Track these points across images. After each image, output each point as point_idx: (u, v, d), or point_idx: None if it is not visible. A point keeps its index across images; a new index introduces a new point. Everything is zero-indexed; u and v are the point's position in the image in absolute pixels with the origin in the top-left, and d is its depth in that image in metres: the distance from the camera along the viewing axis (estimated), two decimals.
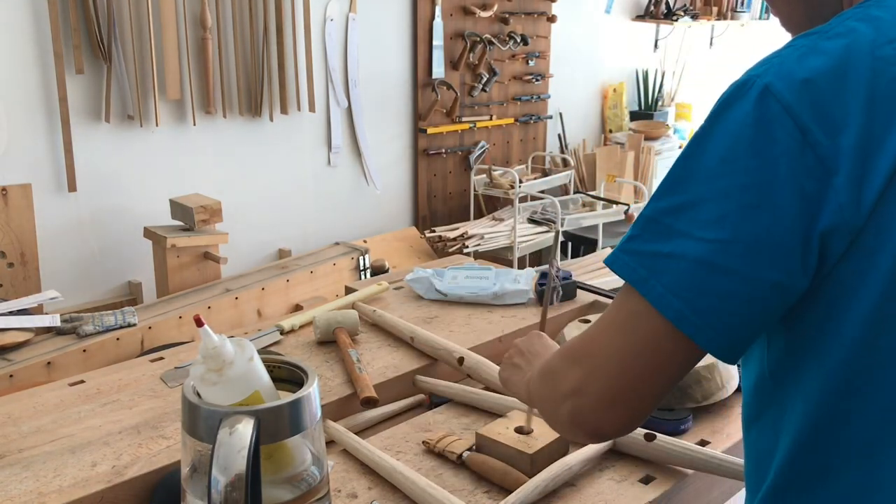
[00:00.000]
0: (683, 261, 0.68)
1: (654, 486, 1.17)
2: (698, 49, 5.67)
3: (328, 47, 3.56)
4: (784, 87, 0.67)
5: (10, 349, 2.32)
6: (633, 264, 0.71)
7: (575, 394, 0.75)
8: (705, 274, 0.67)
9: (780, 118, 0.67)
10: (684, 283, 0.68)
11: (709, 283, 0.67)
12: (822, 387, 0.71)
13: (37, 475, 1.15)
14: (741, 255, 0.67)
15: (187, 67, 3.12)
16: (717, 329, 0.68)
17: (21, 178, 2.81)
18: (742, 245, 0.67)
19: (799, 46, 0.70)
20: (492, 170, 4.09)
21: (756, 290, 0.67)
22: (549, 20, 4.44)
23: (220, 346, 0.90)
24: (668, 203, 0.70)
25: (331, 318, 1.62)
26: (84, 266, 3.04)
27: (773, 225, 0.66)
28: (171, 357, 1.59)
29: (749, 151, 0.67)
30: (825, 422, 0.72)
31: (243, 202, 3.40)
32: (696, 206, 0.68)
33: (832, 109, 0.66)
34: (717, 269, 0.67)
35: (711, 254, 0.67)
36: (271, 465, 0.93)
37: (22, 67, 2.78)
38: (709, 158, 0.69)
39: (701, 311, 0.68)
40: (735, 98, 0.70)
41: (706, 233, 0.67)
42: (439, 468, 1.22)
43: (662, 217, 0.70)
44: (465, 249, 3.68)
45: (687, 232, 0.68)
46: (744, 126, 0.68)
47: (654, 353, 0.71)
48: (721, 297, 0.67)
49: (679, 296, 0.68)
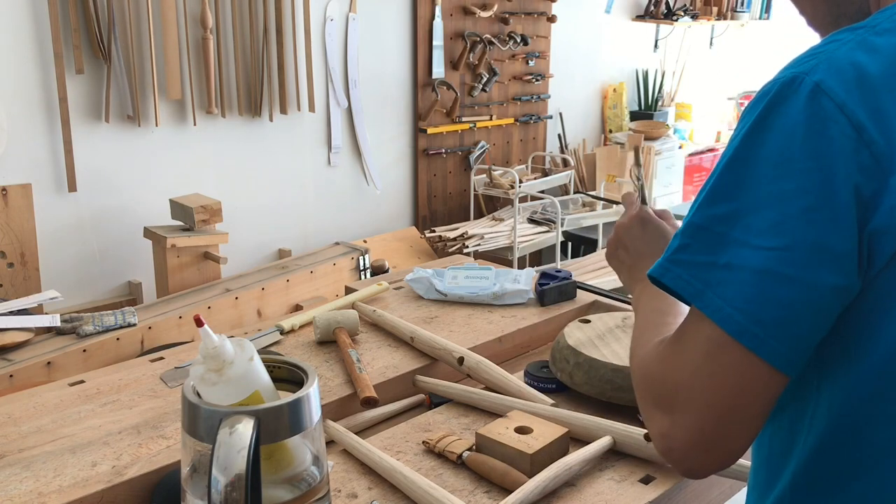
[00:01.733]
0: (743, 271, 0.65)
1: (654, 486, 1.17)
2: (698, 49, 5.67)
3: (328, 47, 3.56)
4: (836, 84, 0.65)
5: (10, 349, 2.32)
6: (686, 277, 0.68)
7: (663, 441, 0.71)
8: (767, 284, 0.64)
9: (834, 116, 0.64)
10: (746, 294, 0.65)
11: (771, 293, 0.64)
12: (852, 390, 0.69)
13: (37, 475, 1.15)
14: (803, 261, 0.64)
15: (187, 67, 3.12)
16: (782, 341, 0.65)
17: (21, 178, 2.81)
18: (803, 251, 0.64)
19: (847, 41, 0.68)
20: (492, 170, 4.09)
21: (819, 297, 0.65)
22: (549, 20, 4.44)
23: (220, 346, 0.90)
24: (720, 210, 0.67)
25: (331, 318, 1.62)
26: (84, 266, 3.04)
27: (833, 228, 0.64)
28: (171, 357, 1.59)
29: (804, 153, 0.64)
30: (851, 425, 0.70)
31: (243, 202, 3.41)
32: (752, 213, 0.65)
33: (886, 107, 0.64)
34: (780, 278, 0.64)
35: (772, 262, 0.64)
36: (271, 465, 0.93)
37: (22, 67, 2.78)
38: (761, 162, 0.66)
39: (764, 324, 0.65)
40: (783, 96, 0.66)
41: (765, 240, 0.65)
42: (439, 468, 1.22)
43: (714, 225, 0.67)
44: (465, 249, 3.68)
45: (743, 240, 0.65)
46: (796, 126, 0.65)
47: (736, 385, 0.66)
48: (785, 307, 0.64)
49: (740, 309, 0.65)
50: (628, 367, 1.32)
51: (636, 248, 1.03)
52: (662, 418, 0.71)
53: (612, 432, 1.24)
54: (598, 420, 1.27)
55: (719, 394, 0.67)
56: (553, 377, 1.44)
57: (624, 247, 1.04)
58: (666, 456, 0.71)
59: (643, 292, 0.94)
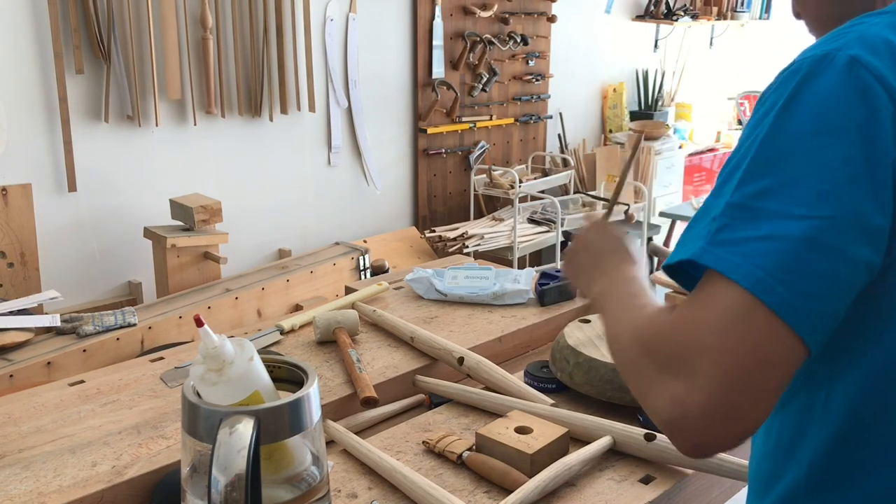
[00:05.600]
0: (783, 241, 0.62)
1: (654, 486, 1.17)
2: (698, 49, 5.67)
3: (328, 47, 3.56)
4: (873, 58, 0.64)
5: (10, 349, 2.32)
6: (725, 255, 0.64)
7: (675, 406, 0.64)
8: (809, 253, 0.61)
9: (874, 87, 0.64)
10: (784, 263, 0.62)
11: (812, 263, 0.61)
12: (869, 381, 0.69)
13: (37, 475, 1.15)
14: (847, 230, 0.62)
15: (187, 67, 3.12)
16: (813, 312, 0.62)
17: (21, 178, 2.81)
18: (847, 221, 0.62)
19: (874, 24, 0.68)
20: (492, 170, 4.09)
21: (854, 271, 0.63)
22: (549, 20, 4.44)
23: (220, 346, 0.90)
24: (758, 186, 0.64)
25: (331, 318, 1.62)
26: (84, 266, 3.04)
27: (873, 200, 0.62)
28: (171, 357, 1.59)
29: (848, 121, 0.63)
30: (869, 416, 0.69)
31: (243, 202, 3.41)
32: (793, 184, 0.63)
33: None
34: (823, 248, 0.61)
35: (816, 231, 0.61)
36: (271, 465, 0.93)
37: (22, 67, 2.78)
38: (799, 133, 0.64)
39: (800, 293, 0.61)
40: (816, 72, 0.65)
41: (808, 210, 0.62)
42: (439, 468, 1.22)
43: (752, 202, 0.64)
44: (465, 249, 3.68)
45: (784, 212, 0.62)
46: (836, 96, 0.64)
47: (762, 351, 0.62)
48: (822, 279, 0.62)
49: (776, 277, 0.61)
50: None
51: (598, 247, 1.00)
52: (675, 383, 0.65)
53: (612, 432, 1.24)
54: (598, 420, 1.27)
55: (743, 359, 0.62)
56: (553, 377, 1.44)
57: (585, 249, 1.02)
58: (677, 425, 0.65)
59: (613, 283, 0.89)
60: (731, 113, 5.92)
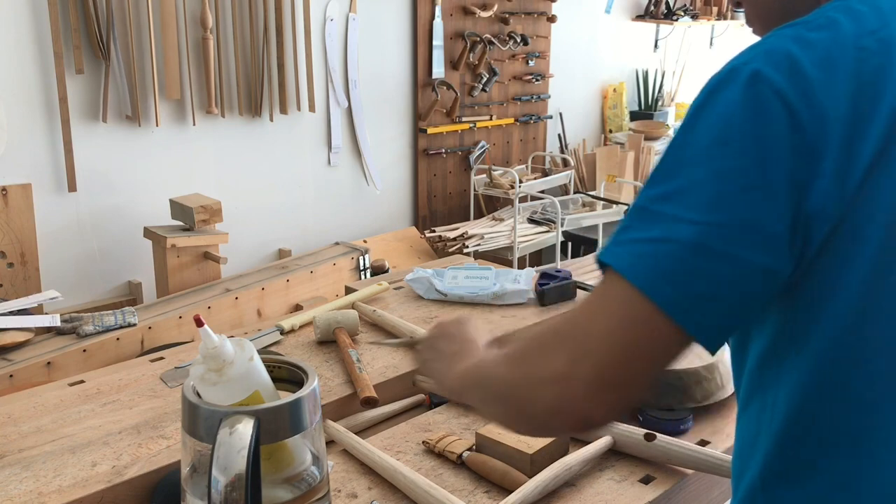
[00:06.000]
0: (674, 244, 0.67)
1: (654, 486, 1.17)
2: (698, 49, 5.67)
3: (328, 47, 3.56)
4: (774, 72, 0.68)
5: (10, 349, 2.32)
6: (621, 253, 0.69)
7: (561, 379, 0.70)
8: (698, 257, 0.66)
9: (772, 101, 0.67)
10: (675, 266, 0.66)
11: (701, 266, 0.66)
12: (807, 377, 0.72)
13: (37, 475, 1.15)
14: (736, 237, 0.66)
15: (187, 67, 3.12)
16: (707, 315, 0.67)
17: (21, 178, 2.81)
18: (737, 227, 0.66)
19: (784, 36, 0.71)
20: (492, 170, 4.09)
21: (747, 275, 0.67)
22: (549, 20, 4.44)
23: (220, 346, 0.90)
24: (659, 191, 0.69)
25: (331, 318, 1.62)
26: (84, 266, 3.04)
27: (767, 207, 0.66)
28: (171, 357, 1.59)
29: (743, 133, 0.67)
30: (809, 413, 0.72)
31: (243, 202, 3.40)
32: (689, 190, 0.68)
33: (820, 96, 0.67)
34: (711, 253, 0.66)
35: (705, 236, 0.66)
36: (271, 465, 0.93)
37: (22, 67, 2.78)
38: (700, 142, 0.69)
39: (692, 296, 0.66)
40: (724, 84, 0.69)
41: (699, 215, 0.66)
42: (439, 468, 1.22)
43: (652, 205, 0.69)
44: (465, 249, 3.68)
45: (678, 216, 0.67)
46: (736, 109, 0.68)
47: (645, 337, 0.68)
48: (712, 282, 0.66)
49: (669, 280, 0.66)
50: None
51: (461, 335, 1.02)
52: (558, 361, 0.70)
53: (612, 432, 1.24)
54: None
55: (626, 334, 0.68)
56: None
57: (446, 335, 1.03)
58: (562, 402, 0.70)
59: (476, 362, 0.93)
60: None
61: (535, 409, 0.73)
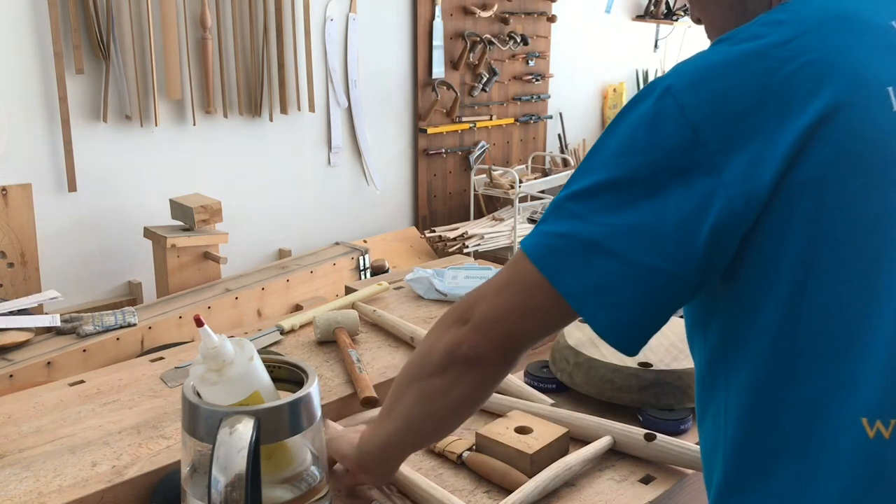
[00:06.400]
0: (576, 240, 0.74)
1: (654, 486, 1.17)
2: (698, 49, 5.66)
3: (328, 47, 3.56)
4: (682, 87, 0.72)
5: (10, 349, 2.32)
6: (534, 243, 0.77)
7: (459, 320, 0.83)
8: (591, 253, 0.73)
9: (674, 116, 0.71)
10: (573, 259, 0.73)
11: (593, 261, 0.73)
12: (752, 381, 0.73)
13: (37, 475, 1.15)
14: (622, 238, 0.72)
15: (187, 67, 3.12)
16: (604, 307, 0.73)
17: (21, 178, 2.81)
18: (625, 230, 0.72)
19: (707, 52, 0.75)
20: (492, 170, 4.09)
21: (635, 273, 0.72)
22: (549, 20, 4.44)
23: (220, 346, 0.90)
24: (571, 190, 0.76)
25: (331, 318, 1.62)
26: (84, 266, 3.04)
27: (657, 215, 0.71)
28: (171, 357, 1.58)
29: (643, 146, 0.72)
30: (759, 415, 0.74)
31: (243, 202, 3.40)
32: (594, 193, 0.74)
33: (724, 109, 0.70)
34: (602, 250, 0.72)
35: (597, 235, 0.72)
36: (271, 465, 0.93)
37: (22, 67, 2.78)
38: (609, 150, 0.75)
39: (589, 289, 0.73)
40: (642, 97, 0.74)
41: (597, 217, 0.73)
42: (439, 468, 1.22)
43: (564, 202, 0.76)
44: (465, 249, 3.68)
45: (581, 215, 0.74)
46: (641, 123, 0.73)
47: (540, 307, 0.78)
48: (603, 276, 0.72)
49: (568, 270, 0.74)
50: (628, 367, 1.33)
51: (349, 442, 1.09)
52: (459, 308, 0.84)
53: (612, 432, 1.24)
54: (598, 420, 1.27)
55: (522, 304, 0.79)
56: (553, 377, 1.44)
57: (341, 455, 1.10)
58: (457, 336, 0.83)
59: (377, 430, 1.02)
60: None
61: (436, 350, 0.85)
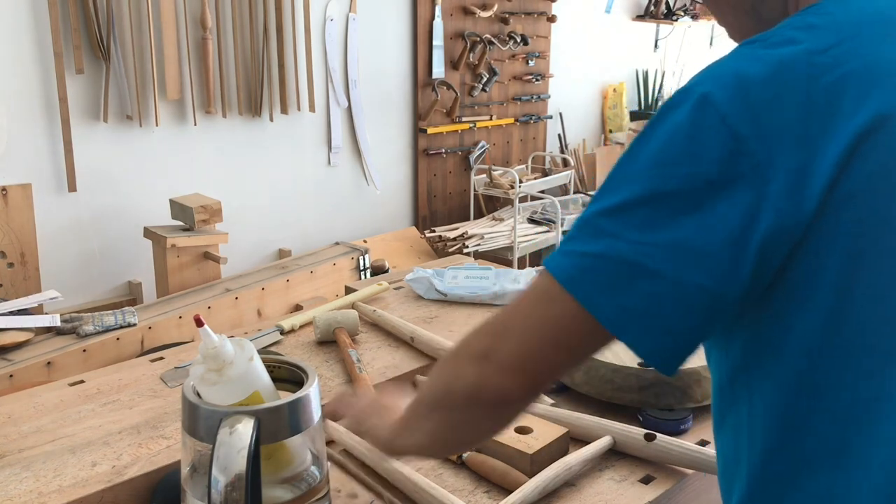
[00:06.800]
0: (611, 261, 0.69)
1: (654, 486, 1.17)
2: (698, 49, 5.67)
3: (328, 47, 3.56)
4: (722, 96, 0.68)
5: (10, 349, 2.32)
6: (564, 264, 0.72)
7: (482, 357, 0.75)
8: (631, 275, 0.68)
9: (715, 126, 0.67)
10: (611, 282, 0.69)
11: (634, 283, 0.68)
12: (782, 392, 0.71)
13: (37, 475, 1.15)
14: (666, 258, 0.67)
15: (187, 67, 3.12)
16: (645, 329, 0.69)
17: (21, 178, 2.81)
18: (667, 248, 0.67)
19: (739, 56, 0.71)
20: (492, 170, 4.09)
21: (681, 294, 0.68)
22: (549, 20, 4.44)
23: (220, 346, 0.90)
24: (602, 205, 0.71)
25: (331, 318, 1.62)
26: (84, 266, 3.04)
27: (701, 231, 0.67)
28: (171, 357, 1.59)
29: (682, 158, 0.68)
30: (789, 427, 0.72)
31: (243, 202, 3.40)
32: (628, 209, 0.69)
33: (769, 118, 0.67)
34: (643, 271, 0.67)
35: (637, 255, 0.68)
36: (271, 465, 0.93)
37: (22, 67, 2.78)
38: (643, 161, 0.70)
39: (627, 311, 0.68)
40: (675, 105, 0.70)
41: (634, 234, 0.68)
42: (439, 468, 1.22)
43: (595, 219, 0.71)
44: (465, 249, 3.68)
45: (616, 233, 0.69)
46: (678, 133, 0.69)
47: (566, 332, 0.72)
48: (646, 298, 0.68)
49: (605, 294, 0.69)
50: (628, 367, 1.33)
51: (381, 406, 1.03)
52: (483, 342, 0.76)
53: (612, 432, 1.24)
54: (598, 420, 1.27)
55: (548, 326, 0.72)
56: None
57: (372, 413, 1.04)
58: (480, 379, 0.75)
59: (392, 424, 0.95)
60: None
61: (458, 388, 0.78)
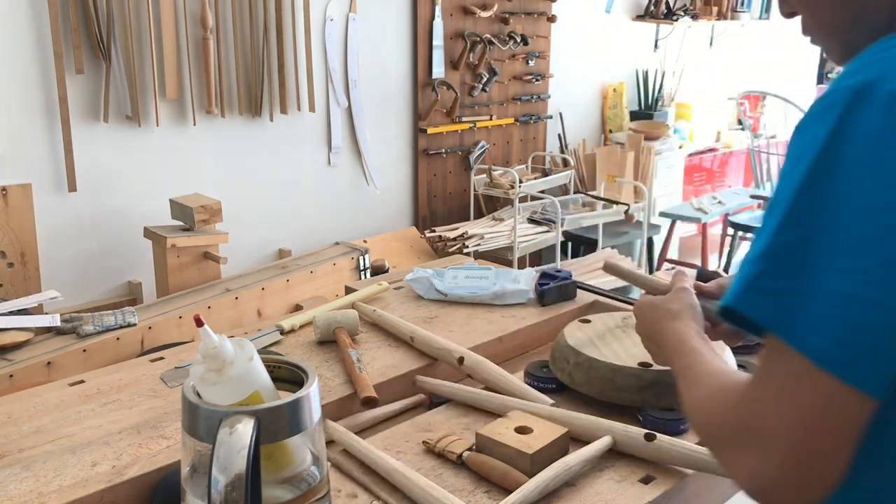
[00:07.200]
0: (825, 297, 0.61)
1: (654, 486, 1.17)
2: (698, 49, 5.67)
3: (328, 47, 3.56)
4: None
5: (10, 349, 2.32)
6: (764, 305, 0.64)
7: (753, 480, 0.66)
8: (853, 309, 0.60)
9: None
10: (830, 321, 0.61)
11: (858, 318, 0.60)
12: None
13: (37, 475, 1.15)
14: (890, 282, 0.60)
15: (187, 67, 3.12)
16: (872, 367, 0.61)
17: (21, 178, 2.81)
18: (890, 271, 0.60)
19: None
20: (492, 170, 4.09)
21: None
22: (549, 20, 4.44)
23: (220, 346, 0.90)
24: (799, 233, 0.63)
25: (331, 318, 1.62)
26: (84, 266, 3.04)
27: None
28: (171, 357, 1.59)
29: (888, 167, 0.60)
30: None
31: (243, 202, 3.40)
32: (833, 234, 0.61)
33: None
34: (866, 302, 0.60)
35: (857, 285, 0.60)
36: (271, 465, 0.93)
37: (22, 67, 2.78)
38: (840, 178, 0.61)
39: (854, 350, 0.60)
40: (855, 107, 0.62)
41: (848, 262, 0.60)
42: (439, 468, 1.22)
43: (792, 249, 0.63)
44: (465, 249, 3.68)
45: (825, 264, 0.61)
46: (878, 139, 0.61)
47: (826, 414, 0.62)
48: (874, 332, 0.60)
49: (826, 336, 0.61)
50: (628, 367, 1.33)
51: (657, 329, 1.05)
52: (746, 458, 0.66)
53: (612, 432, 1.24)
54: (598, 420, 1.27)
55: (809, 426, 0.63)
56: (553, 377, 1.44)
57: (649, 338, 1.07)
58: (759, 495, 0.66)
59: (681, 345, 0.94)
60: (732, 113, 5.92)
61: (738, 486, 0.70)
